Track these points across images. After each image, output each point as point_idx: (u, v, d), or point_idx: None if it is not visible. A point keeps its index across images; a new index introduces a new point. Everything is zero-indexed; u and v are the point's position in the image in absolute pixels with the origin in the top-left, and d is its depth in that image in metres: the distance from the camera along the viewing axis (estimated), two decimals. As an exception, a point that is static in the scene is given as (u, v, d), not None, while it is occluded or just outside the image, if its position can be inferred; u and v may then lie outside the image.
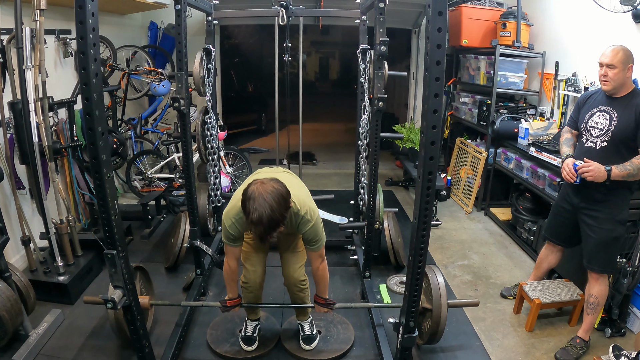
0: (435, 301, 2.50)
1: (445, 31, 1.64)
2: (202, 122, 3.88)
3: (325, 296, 2.88)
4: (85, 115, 1.81)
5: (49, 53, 4.01)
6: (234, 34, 9.95)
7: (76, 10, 1.69)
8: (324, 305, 2.88)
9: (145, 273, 2.78)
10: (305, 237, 2.63)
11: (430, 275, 2.58)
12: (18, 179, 3.59)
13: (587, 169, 2.81)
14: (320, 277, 2.81)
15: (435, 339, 2.63)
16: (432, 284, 2.52)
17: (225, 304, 2.84)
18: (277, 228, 2.24)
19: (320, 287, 2.85)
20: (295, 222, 2.56)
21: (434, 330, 2.60)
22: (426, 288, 2.65)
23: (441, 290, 2.54)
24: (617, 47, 2.81)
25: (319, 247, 2.67)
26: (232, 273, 2.77)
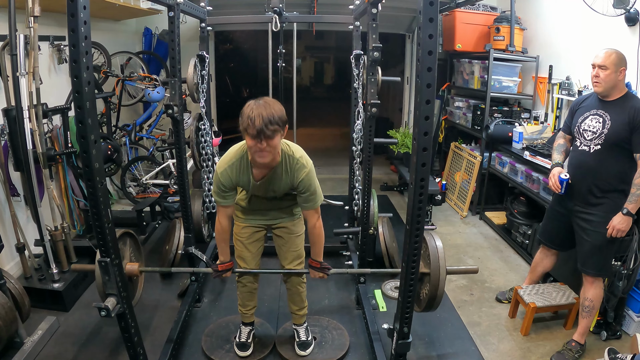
0: (433, 265, 2.38)
1: (436, 38, 1.65)
2: (196, 129, 3.88)
3: (320, 259, 2.80)
4: (78, 123, 1.80)
5: (43, 59, 4.01)
6: (228, 39, 9.95)
7: (68, 18, 1.68)
8: (319, 270, 2.80)
9: (134, 239, 2.72)
10: (301, 188, 2.56)
11: (428, 239, 2.49)
12: (12, 185, 3.58)
13: (617, 231, 2.86)
14: (316, 237, 2.74)
15: (433, 305, 2.50)
16: (430, 248, 2.41)
17: (216, 268, 2.76)
18: (275, 124, 2.24)
19: (315, 248, 2.79)
20: (291, 167, 2.52)
21: (432, 296, 2.44)
22: (424, 253, 2.54)
23: (439, 254, 2.42)
24: (610, 49, 2.84)
25: (314, 201, 2.63)
26: (222, 232, 2.71)
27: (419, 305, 2.63)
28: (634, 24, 3.64)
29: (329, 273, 2.81)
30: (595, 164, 2.92)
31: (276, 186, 2.58)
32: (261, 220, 2.84)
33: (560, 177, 3.07)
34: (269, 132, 2.22)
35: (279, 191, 2.62)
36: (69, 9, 1.67)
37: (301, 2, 5.54)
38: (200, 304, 3.63)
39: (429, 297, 2.45)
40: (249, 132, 2.25)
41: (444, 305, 3.63)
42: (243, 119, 2.27)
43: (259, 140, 2.24)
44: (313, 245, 2.78)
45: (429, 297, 2.45)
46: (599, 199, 2.94)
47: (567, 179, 3.08)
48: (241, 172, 2.52)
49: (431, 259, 2.39)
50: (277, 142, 2.33)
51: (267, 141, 2.25)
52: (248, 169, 2.52)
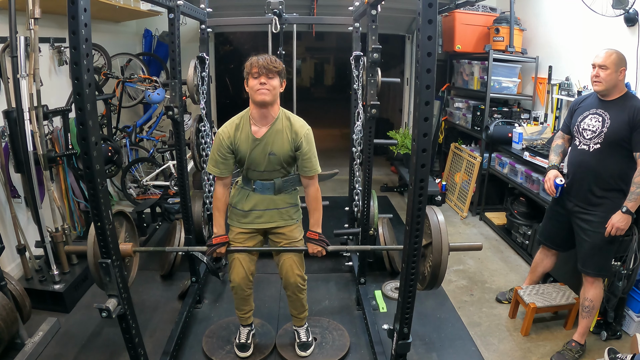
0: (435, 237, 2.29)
1: (435, 39, 1.65)
2: (196, 130, 3.88)
3: (318, 230, 2.78)
4: (79, 125, 1.81)
5: (43, 61, 4.01)
6: (228, 40, 9.96)
7: (69, 20, 1.69)
8: (317, 242, 2.75)
9: (128, 219, 2.71)
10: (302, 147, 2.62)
11: (429, 213, 2.40)
12: (13, 187, 3.59)
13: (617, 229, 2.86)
14: (315, 202, 2.76)
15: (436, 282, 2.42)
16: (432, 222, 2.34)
17: (210, 242, 2.72)
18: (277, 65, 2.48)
19: (314, 217, 2.78)
20: (292, 125, 2.62)
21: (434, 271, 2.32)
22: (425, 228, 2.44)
23: (441, 228, 2.33)
24: (611, 49, 2.86)
25: (314, 164, 2.68)
26: (217, 201, 2.73)
27: (422, 283, 2.51)
28: (633, 24, 3.65)
29: (327, 248, 2.77)
30: (595, 163, 2.93)
31: (277, 145, 2.61)
32: (257, 223, 2.79)
33: (555, 182, 3.11)
34: (272, 68, 2.45)
35: (279, 152, 2.62)
36: (69, 12, 1.68)
37: (301, 4, 5.55)
38: (201, 305, 3.64)
39: (431, 272, 2.35)
40: (252, 71, 2.48)
41: (444, 305, 3.65)
42: (247, 64, 2.51)
43: (262, 74, 2.46)
44: (313, 212, 2.78)
45: (432, 272, 2.33)
46: (599, 199, 2.95)
47: (563, 184, 3.11)
48: (242, 130, 2.61)
49: (432, 230, 2.31)
50: (277, 84, 2.51)
51: (268, 79, 2.46)
52: (247, 125, 2.61)
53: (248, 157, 2.62)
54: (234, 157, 2.66)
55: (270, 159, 2.62)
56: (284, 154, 2.63)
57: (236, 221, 2.81)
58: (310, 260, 3.03)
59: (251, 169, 2.68)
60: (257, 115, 2.58)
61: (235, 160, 2.69)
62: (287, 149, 2.62)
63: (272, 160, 2.63)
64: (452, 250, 2.38)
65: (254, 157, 2.62)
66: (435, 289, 2.44)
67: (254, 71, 2.47)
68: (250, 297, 3.01)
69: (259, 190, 2.73)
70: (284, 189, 2.75)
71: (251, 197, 2.75)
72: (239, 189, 2.79)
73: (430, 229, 2.32)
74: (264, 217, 2.77)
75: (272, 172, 2.70)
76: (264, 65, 2.44)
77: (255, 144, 2.59)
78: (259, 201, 2.74)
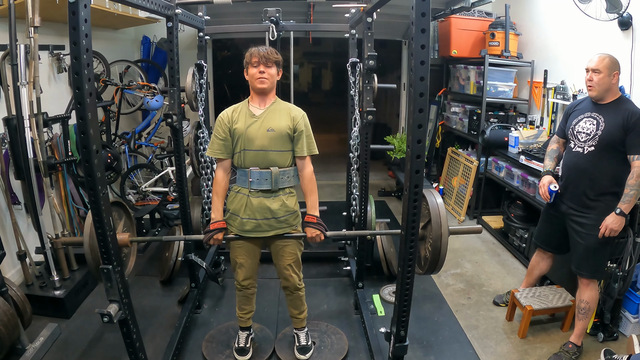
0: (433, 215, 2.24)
1: (428, 48, 1.69)
2: (195, 137, 3.91)
3: (316, 213, 2.77)
4: (80, 133, 1.84)
5: (42, 69, 4.04)
6: (226, 47, 10.00)
7: (70, 31, 1.72)
8: (315, 226, 2.73)
9: (125, 209, 2.71)
10: (299, 127, 2.70)
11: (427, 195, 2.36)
12: (13, 194, 3.62)
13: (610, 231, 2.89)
14: (311, 184, 2.78)
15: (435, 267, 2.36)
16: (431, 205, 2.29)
17: (208, 229, 2.71)
18: (276, 55, 2.66)
19: (310, 199, 2.78)
20: (290, 108, 2.76)
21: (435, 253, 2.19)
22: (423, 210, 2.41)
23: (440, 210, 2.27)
24: (603, 54, 2.90)
25: (311, 145, 2.77)
26: (217, 185, 2.76)
27: (422, 267, 2.48)
28: (627, 28, 3.70)
29: (325, 233, 2.76)
30: (589, 165, 2.96)
31: (275, 121, 2.67)
32: (257, 232, 2.75)
33: (549, 189, 3.15)
34: (271, 58, 2.61)
35: (277, 128, 2.65)
36: (70, 23, 1.71)
37: (298, 11, 5.59)
38: (201, 310, 3.66)
39: (432, 254, 2.30)
40: (252, 61, 2.62)
41: (441, 309, 3.68)
42: (247, 54, 2.65)
43: (262, 63, 2.61)
44: (310, 195, 2.79)
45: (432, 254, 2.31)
46: (593, 201, 2.98)
47: (557, 190, 3.15)
48: (240, 112, 2.71)
49: (431, 211, 2.27)
50: (274, 73, 2.67)
51: (267, 68, 2.62)
52: (246, 107, 2.72)
53: (244, 133, 2.66)
54: (232, 139, 2.70)
55: (269, 134, 2.64)
56: (282, 129, 2.66)
57: (233, 227, 2.78)
58: (308, 265, 3.07)
59: (247, 149, 2.66)
60: (256, 99, 2.72)
61: (233, 143, 2.71)
62: (285, 125, 2.67)
63: (270, 135, 2.64)
64: (452, 233, 2.34)
65: (250, 133, 2.64)
66: (436, 272, 2.37)
67: (253, 60, 2.61)
68: (253, 295, 3.04)
69: (255, 183, 2.67)
70: (281, 183, 2.70)
71: (248, 205, 2.70)
72: (235, 194, 2.76)
73: (428, 209, 2.29)
74: (263, 226, 2.74)
75: (267, 154, 2.65)
76: (264, 55, 2.59)
77: (253, 121, 2.67)
78: (257, 210, 2.69)
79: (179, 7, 3.01)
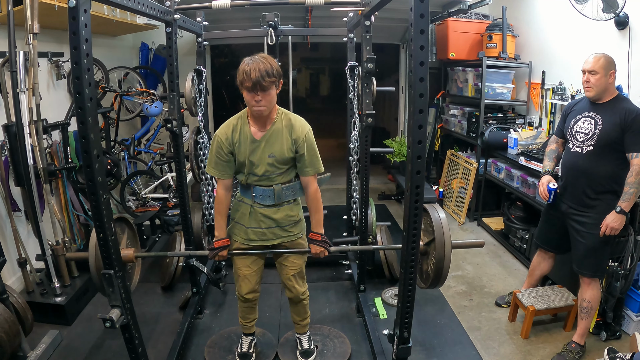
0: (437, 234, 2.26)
1: (427, 49, 1.69)
2: (194, 142, 3.92)
3: (320, 230, 2.72)
4: (81, 138, 1.84)
5: (41, 75, 4.04)
6: (224, 52, 10.00)
7: (70, 36, 1.73)
8: (320, 243, 2.71)
9: (129, 225, 2.71)
10: (302, 146, 2.56)
11: (430, 210, 2.38)
12: (13, 201, 3.61)
13: (611, 229, 2.90)
14: (315, 203, 2.71)
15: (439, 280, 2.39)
16: (433, 218, 2.32)
17: (212, 246, 2.68)
18: (271, 76, 2.34)
19: (315, 218, 2.73)
20: (292, 124, 2.57)
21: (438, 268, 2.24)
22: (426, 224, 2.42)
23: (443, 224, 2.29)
24: (599, 54, 2.91)
25: (315, 163, 2.63)
26: (219, 204, 2.69)
27: (425, 281, 2.52)
28: (623, 28, 3.72)
29: (329, 249, 2.73)
30: (588, 165, 2.97)
31: (276, 146, 2.54)
32: (261, 240, 2.74)
33: (548, 187, 3.17)
34: (265, 84, 2.33)
35: (278, 153, 2.55)
36: (70, 28, 1.72)
37: (296, 16, 5.60)
38: (202, 315, 3.65)
39: (435, 269, 2.35)
40: (245, 85, 2.35)
41: (443, 311, 3.67)
42: (239, 73, 2.36)
43: (255, 92, 2.35)
44: (314, 213, 2.73)
45: (435, 269, 2.35)
46: (592, 201, 2.99)
47: (556, 189, 3.16)
48: (240, 132, 2.55)
49: (435, 227, 2.31)
50: (273, 94, 2.43)
51: (263, 94, 2.36)
52: (246, 126, 2.55)
53: (248, 159, 2.57)
54: (234, 159, 2.61)
55: (270, 160, 2.56)
56: (284, 152, 2.56)
57: (238, 236, 2.77)
58: (310, 269, 3.05)
59: (251, 173, 2.61)
60: (256, 121, 2.55)
61: (235, 164, 2.63)
62: (287, 150, 2.56)
63: (272, 161, 2.56)
64: (455, 247, 2.36)
65: (254, 159, 2.56)
66: (439, 286, 2.41)
67: (246, 85, 2.35)
68: (256, 305, 3.02)
69: (258, 198, 2.64)
70: (284, 197, 2.67)
71: (252, 214, 2.69)
72: (238, 202, 2.75)
73: (432, 227, 2.31)
74: (268, 235, 2.73)
75: (270, 177, 2.61)
76: (258, 80, 2.30)
77: (254, 145, 2.54)
78: (260, 219, 2.68)
79: (177, 12, 3.02)
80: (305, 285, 2.98)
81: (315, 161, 2.63)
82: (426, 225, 2.45)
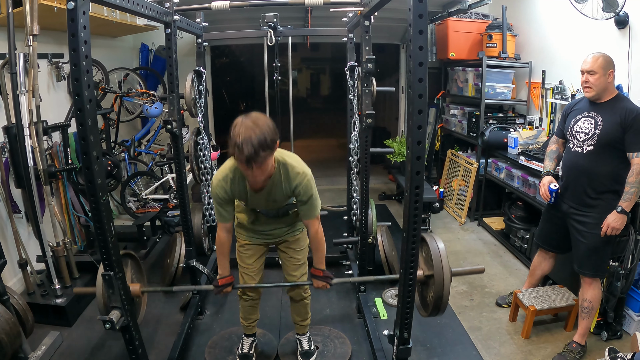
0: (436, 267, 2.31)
1: (426, 49, 1.69)
2: (194, 143, 3.92)
3: (322, 267, 2.78)
4: (81, 140, 1.84)
5: (41, 77, 4.04)
6: (224, 53, 10.01)
7: (69, 38, 1.73)
8: (322, 279, 2.76)
9: (135, 260, 2.74)
10: (301, 195, 2.51)
11: (429, 240, 2.43)
12: (14, 202, 3.62)
13: (612, 229, 2.90)
14: (318, 243, 2.72)
15: (440, 309, 2.45)
16: (432, 250, 2.36)
17: (217, 283, 2.70)
18: (265, 149, 2.17)
19: (317, 256, 2.76)
20: (289, 175, 2.47)
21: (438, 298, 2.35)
22: (426, 255, 2.49)
23: (442, 256, 2.35)
24: (597, 54, 2.90)
25: (314, 209, 2.60)
26: (222, 246, 2.70)
27: (426, 310, 2.58)
28: (623, 27, 3.71)
29: (331, 283, 2.78)
30: (589, 164, 2.97)
31: (277, 195, 2.53)
32: (264, 239, 2.84)
33: (549, 188, 3.16)
34: (259, 159, 2.18)
35: (279, 200, 2.57)
36: (69, 29, 1.72)
37: (295, 16, 5.61)
38: (203, 316, 3.65)
39: (434, 300, 2.40)
40: (238, 157, 2.20)
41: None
42: (231, 143, 2.20)
43: (249, 167, 2.20)
44: (315, 252, 2.76)
45: (435, 300, 2.41)
46: (593, 200, 2.99)
47: (557, 190, 3.16)
48: (236, 184, 2.49)
49: (434, 261, 2.36)
50: (268, 164, 2.30)
51: (258, 167, 2.22)
52: (243, 180, 2.48)
53: (249, 203, 2.63)
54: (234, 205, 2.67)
55: (273, 204, 2.61)
56: (285, 199, 2.60)
57: (243, 234, 2.84)
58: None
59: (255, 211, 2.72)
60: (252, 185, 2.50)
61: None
62: (286, 196, 2.56)
63: (275, 204, 2.61)
64: (454, 275, 2.42)
65: (256, 203, 2.62)
66: (440, 315, 2.50)
67: (239, 158, 2.20)
68: (257, 305, 3.03)
69: (263, 212, 2.72)
70: (289, 209, 2.75)
71: (257, 221, 2.78)
72: (244, 206, 2.77)
73: (432, 260, 2.36)
74: (271, 235, 2.82)
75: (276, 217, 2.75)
76: (250, 157, 2.14)
77: (255, 196, 2.55)
78: (264, 222, 2.77)
79: (177, 13, 3.02)
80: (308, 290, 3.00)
81: (315, 206, 2.60)
82: (426, 256, 2.52)
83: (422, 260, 2.52)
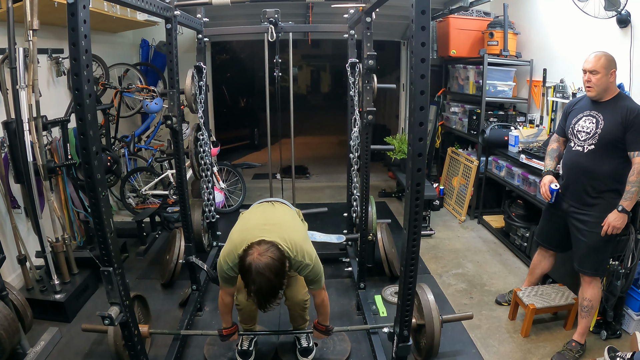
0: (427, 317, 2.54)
1: (428, 46, 1.68)
2: (194, 139, 3.91)
3: (326, 324, 2.91)
4: (80, 135, 1.84)
5: (41, 72, 4.04)
6: (225, 49, 10.00)
7: (69, 32, 1.72)
8: (324, 332, 2.92)
9: (143, 301, 2.82)
10: (306, 278, 2.65)
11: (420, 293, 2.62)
12: (13, 198, 3.61)
13: (613, 228, 2.89)
14: (324, 309, 2.85)
15: (432, 354, 2.66)
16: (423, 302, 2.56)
17: (222, 333, 2.85)
18: (277, 296, 2.33)
19: (322, 316, 2.89)
20: (295, 267, 2.56)
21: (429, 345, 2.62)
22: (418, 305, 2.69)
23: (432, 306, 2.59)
24: (599, 53, 2.89)
25: (320, 284, 2.69)
26: (225, 307, 2.79)
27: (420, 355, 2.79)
28: (625, 26, 3.70)
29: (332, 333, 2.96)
30: (590, 163, 2.96)
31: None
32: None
33: (550, 187, 3.16)
34: (274, 305, 2.35)
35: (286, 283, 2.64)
36: (69, 24, 1.71)
37: (296, 12, 5.59)
38: (202, 312, 3.65)
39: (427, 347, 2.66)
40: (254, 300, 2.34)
41: (443, 309, 3.66)
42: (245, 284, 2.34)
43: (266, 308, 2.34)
44: (320, 314, 2.88)
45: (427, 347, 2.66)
46: (594, 199, 2.98)
47: (558, 189, 3.15)
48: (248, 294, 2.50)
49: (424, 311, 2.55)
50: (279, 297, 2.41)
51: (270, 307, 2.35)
52: None
53: None
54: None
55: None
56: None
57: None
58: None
59: None
60: None
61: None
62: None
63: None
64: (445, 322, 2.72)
65: None
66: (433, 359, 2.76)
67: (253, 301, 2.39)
68: (255, 313, 3.03)
69: None
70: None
71: None
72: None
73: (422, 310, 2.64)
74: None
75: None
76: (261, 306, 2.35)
77: None
78: None
79: (177, 8, 3.01)
80: (308, 295, 2.98)
81: (321, 280, 2.68)
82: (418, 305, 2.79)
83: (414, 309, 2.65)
